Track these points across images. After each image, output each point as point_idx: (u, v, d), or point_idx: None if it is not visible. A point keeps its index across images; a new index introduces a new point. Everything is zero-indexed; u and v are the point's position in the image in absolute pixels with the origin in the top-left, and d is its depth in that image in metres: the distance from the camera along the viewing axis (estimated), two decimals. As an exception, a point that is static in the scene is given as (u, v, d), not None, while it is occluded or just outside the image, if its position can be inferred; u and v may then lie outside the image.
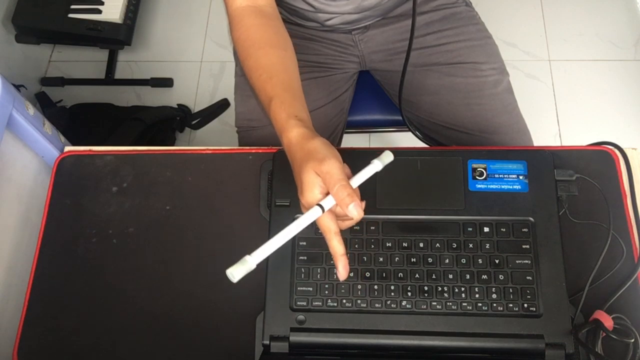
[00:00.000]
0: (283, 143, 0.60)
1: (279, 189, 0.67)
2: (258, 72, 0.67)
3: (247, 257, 0.52)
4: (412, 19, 0.79)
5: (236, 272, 0.52)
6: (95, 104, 1.64)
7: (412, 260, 0.64)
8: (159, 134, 1.55)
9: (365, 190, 0.57)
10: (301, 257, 0.65)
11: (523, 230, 0.64)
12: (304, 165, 0.55)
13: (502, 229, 0.64)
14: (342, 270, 0.56)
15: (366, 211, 0.54)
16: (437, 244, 0.64)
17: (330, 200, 0.54)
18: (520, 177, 0.66)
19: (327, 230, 0.56)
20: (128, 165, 0.73)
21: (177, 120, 1.60)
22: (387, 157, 0.59)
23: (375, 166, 0.58)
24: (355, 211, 0.52)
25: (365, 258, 0.64)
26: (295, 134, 0.58)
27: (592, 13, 1.70)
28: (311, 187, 0.55)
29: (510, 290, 0.62)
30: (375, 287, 0.63)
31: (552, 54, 1.67)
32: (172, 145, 1.60)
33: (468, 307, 0.62)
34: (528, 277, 0.62)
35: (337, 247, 0.55)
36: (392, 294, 0.63)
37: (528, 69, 1.64)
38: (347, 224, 0.58)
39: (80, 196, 0.72)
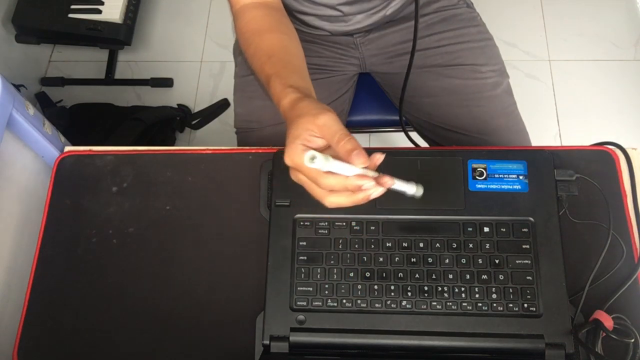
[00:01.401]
0: (282, 115, 0.58)
1: (279, 189, 0.67)
2: (257, 56, 0.67)
3: (331, 158, 0.48)
4: (415, 22, 0.79)
5: (318, 159, 0.47)
6: (95, 104, 1.64)
7: (412, 260, 0.64)
8: (159, 134, 1.55)
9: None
10: (301, 257, 0.65)
11: (523, 230, 0.64)
12: (293, 121, 0.52)
13: (502, 229, 0.64)
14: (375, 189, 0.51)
15: (366, 211, 0.54)
16: (437, 244, 0.64)
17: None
18: (520, 177, 0.66)
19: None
20: (128, 165, 0.73)
21: (177, 120, 1.60)
22: (419, 190, 0.57)
23: (411, 187, 0.56)
24: (358, 159, 0.48)
25: (365, 258, 0.64)
26: (288, 100, 0.56)
27: (592, 13, 1.70)
28: (293, 139, 0.51)
29: (510, 290, 0.62)
30: (375, 287, 0.63)
31: (552, 54, 1.67)
32: (172, 145, 1.60)
33: (468, 307, 0.62)
34: (528, 277, 0.62)
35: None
36: (392, 294, 0.63)
37: (528, 69, 1.64)
38: (360, 197, 0.51)
39: (80, 196, 0.72)
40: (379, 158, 0.51)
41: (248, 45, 0.70)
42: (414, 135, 0.93)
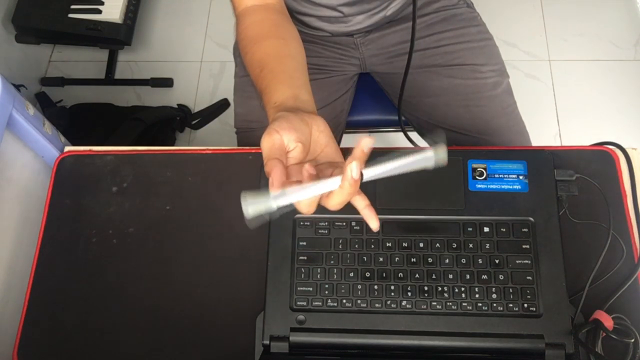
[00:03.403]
0: None
1: (279, 189, 0.67)
2: (252, 67, 0.67)
3: (271, 194, 0.44)
4: (412, 23, 0.79)
5: (250, 206, 0.44)
6: (95, 104, 1.64)
7: (412, 260, 0.64)
8: (159, 134, 1.55)
9: (366, 190, 0.56)
10: (301, 257, 0.65)
11: (523, 230, 0.64)
12: None
13: (502, 229, 0.64)
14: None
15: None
16: (437, 244, 0.64)
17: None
18: (520, 177, 0.66)
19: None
20: (128, 165, 0.73)
21: (177, 120, 1.60)
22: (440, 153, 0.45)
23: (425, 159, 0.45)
24: (271, 190, 0.46)
25: (365, 258, 0.64)
26: (271, 121, 0.56)
27: (592, 13, 1.70)
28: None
29: (510, 290, 0.62)
30: (375, 287, 0.63)
31: (552, 54, 1.67)
32: (172, 145, 1.60)
33: (468, 307, 0.62)
34: (528, 277, 0.62)
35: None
36: (392, 294, 0.63)
37: (528, 69, 1.64)
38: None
39: (80, 196, 0.72)
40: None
41: (245, 53, 0.70)
42: (414, 135, 0.93)
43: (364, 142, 0.45)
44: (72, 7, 1.59)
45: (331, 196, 0.48)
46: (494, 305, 0.62)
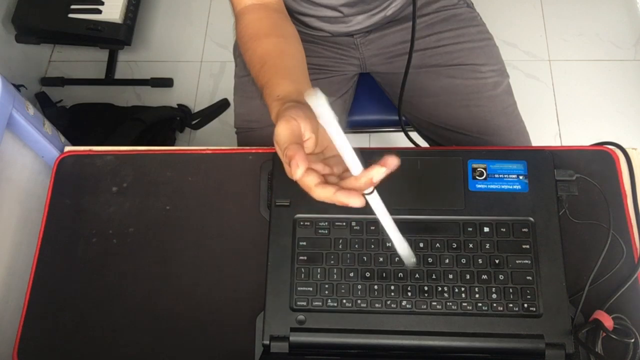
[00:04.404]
0: None
1: (279, 189, 0.67)
2: (253, 63, 0.67)
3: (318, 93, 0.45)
4: (412, 23, 0.79)
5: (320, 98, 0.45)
6: (95, 104, 1.64)
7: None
8: (159, 134, 1.55)
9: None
10: (301, 257, 0.65)
11: (523, 230, 0.64)
12: None
13: (502, 229, 0.64)
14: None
15: (366, 211, 0.53)
16: (437, 244, 0.64)
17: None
18: (520, 177, 0.66)
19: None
20: (128, 165, 0.73)
21: (177, 120, 1.60)
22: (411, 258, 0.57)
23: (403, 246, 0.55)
24: (295, 172, 0.46)
25: (365, 258, 0.64)
26: (274, 114, 0.57)
27: (592, 13, 1.70)
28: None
29: (510, 290, 0.62)
30: (375, 287, 0.63)
31: (552, 54, 1.67)
32: (172, 145, 1.60)
33: (468, 307, 0.62)
34: (528, 277, 0.62)
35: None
36: (392, 294, 0.63)
37: (528, 69, 1.64)
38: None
39: (80, 196, 0.72)
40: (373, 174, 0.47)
41: (245, 50, 0.70)
42: (414, 135, 0.93)
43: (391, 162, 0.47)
44: (72, 7, 1.59)
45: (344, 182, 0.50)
46: (494, 305, 0.62)
